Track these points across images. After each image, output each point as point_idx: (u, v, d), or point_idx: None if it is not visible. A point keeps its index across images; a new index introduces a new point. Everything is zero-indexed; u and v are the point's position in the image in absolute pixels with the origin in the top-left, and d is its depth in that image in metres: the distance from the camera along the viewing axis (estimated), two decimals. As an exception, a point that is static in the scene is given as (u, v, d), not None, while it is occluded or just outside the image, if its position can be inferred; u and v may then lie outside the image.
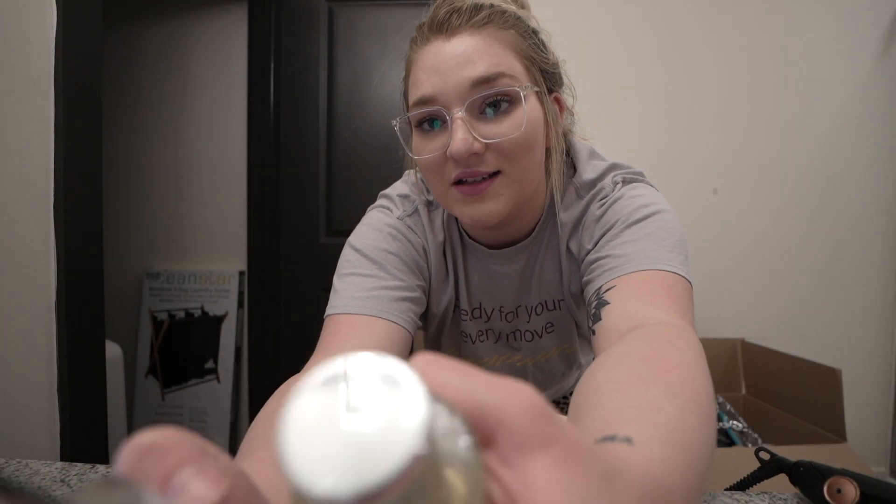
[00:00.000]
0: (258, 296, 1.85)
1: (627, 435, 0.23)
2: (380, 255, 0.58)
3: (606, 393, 0.30)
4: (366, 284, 0.55)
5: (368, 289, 0.55)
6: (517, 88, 0.50)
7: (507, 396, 0.16)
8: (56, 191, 0.94)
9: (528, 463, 0.15)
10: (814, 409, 1.25)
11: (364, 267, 0.57)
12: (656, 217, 0.52)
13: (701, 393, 0.31)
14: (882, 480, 0.43)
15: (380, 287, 0.55)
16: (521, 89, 0.50)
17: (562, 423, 0.17)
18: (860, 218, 1.72)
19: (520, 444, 0.16)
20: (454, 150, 0.49)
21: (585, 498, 0.15)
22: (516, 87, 0.50)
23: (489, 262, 0.63)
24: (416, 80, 0.52)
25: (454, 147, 0.49)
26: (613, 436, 0.23)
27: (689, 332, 0.40)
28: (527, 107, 0.51)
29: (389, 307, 0.54)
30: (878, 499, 0.41)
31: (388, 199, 0.65)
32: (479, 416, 0.16)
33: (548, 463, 0.15)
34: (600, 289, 0.49)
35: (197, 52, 1.88)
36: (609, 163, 0.61)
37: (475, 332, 0.69)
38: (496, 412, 0.16)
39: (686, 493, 0.22)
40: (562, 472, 0.15)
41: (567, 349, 0.72)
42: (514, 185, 0.53)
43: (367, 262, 0.57)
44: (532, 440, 0.16)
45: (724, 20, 1.72)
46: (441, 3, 0.54)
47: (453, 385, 0.16)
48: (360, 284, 0.55)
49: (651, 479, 0.20)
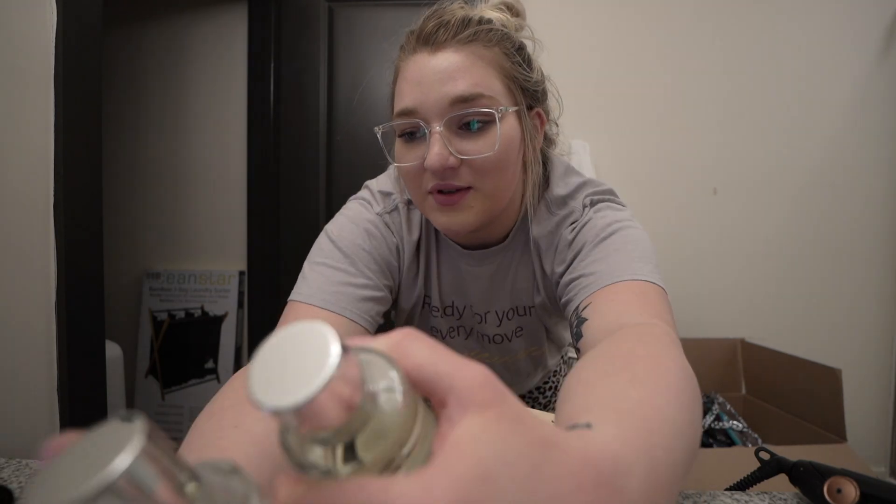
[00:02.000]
0: (258, 296, 1.85)
1: (587, 421, 0.24)
2: (353, 249, 0.59)
3: (574, 392, 0.31)
4: (334, 277, 0.57)
5: (336, 282, 0.56)
6: (493, 110, 0.52)
7: (461, 367, 0.19)
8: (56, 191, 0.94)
9: (464, 420, 0.18)
10: (814, 409, 1.25)
11: (336, 259, 0.58)
12: (621, 233, 0.55)
13: (668, 376, 0.32)
14: (882, 480, 0.43)
15: (347, 283, 0.57)
16: (496, 112, 0.52)
17: (506, 394, 0.19)
18: (860, 218, 1.72)
19: (464, 406, 0.18)
20: (430, 163, 0.51)
21: (498, 451, 0.17)
22: (492, 109, 0.52)
23: (462, 262, 0.65)
24: (401, 89, 0.55)
25: (430, 161, 0.51)
26: (575, 424, 0.24)
27: (661, 327, 0.41)
28: (502, 127, 0.53)
29: (353, 306, 0.56)
30: (878, 499, 0.41)
31: (370, 193, 0.66)
32: (435, 380, 0.19)
33: (478, 420, 0.18)
34: (578, 307, 0.52)
35: (197, 52, 1.88)
36: (581, 181, 0.63)
37: (446, 328, 0.71)
38: (449, 378, 0.19)
39: (650, 470, 0.22)
40: (484, 429, 0.18)
41: (535, 352, 0.75)
42: (486, 200, 0.55)
43: (340, 254, 0.59)
44: (474, 402, 0.18)
45: (725, 21, 1.72)
46: (430, 14, 0.55)
47: (420, 354, 0.19)
48: (329, 277, 0.57)
49: (599, 453, 0.20)
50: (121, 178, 1.90)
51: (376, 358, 0.19)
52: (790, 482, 0.47)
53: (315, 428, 0.17)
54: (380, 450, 0.18)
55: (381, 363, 0.19)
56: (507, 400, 0.19)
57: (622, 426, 0.24)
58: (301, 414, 0.16)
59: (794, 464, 0.48)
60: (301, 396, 0.16)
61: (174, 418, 1.85)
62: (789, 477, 0.48)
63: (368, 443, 0.18)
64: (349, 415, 0.17)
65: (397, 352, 0.20)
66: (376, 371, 0.19)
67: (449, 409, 0.18)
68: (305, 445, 0.18)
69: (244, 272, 1.88)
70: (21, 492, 0.46)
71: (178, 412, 1.85)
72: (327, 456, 0.18)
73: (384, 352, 0.20)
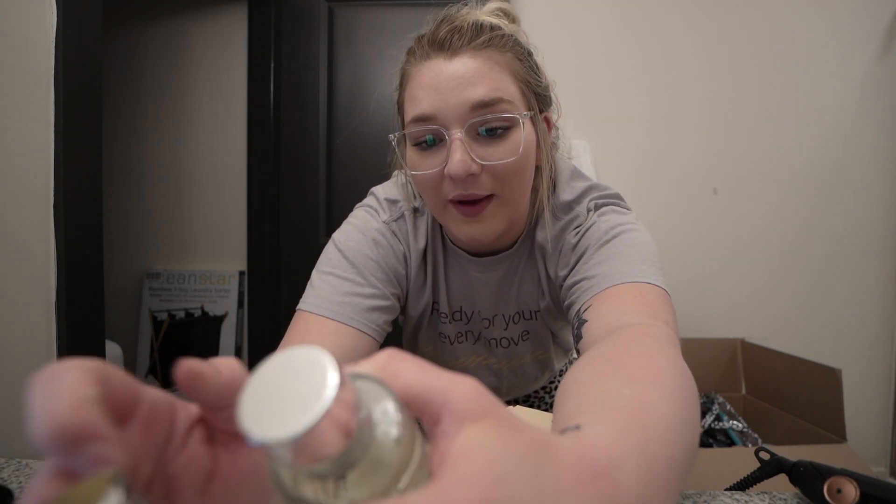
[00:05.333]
0: (258, 296, 1.85)
1: (577, 423, 0.24)
2: (360, 259, 0.59)
3: (569, 393, 0.32)
4: (342, 287, 0.57)
5: (343, 292, 0.56)
6: (516, 115, 0.52)
7: (452, 383, 0.19)
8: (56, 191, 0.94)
9: (462, 431, 0.18)
10: (814, 409, 1.25)
11: (343, 269, 0.58)
12: (623, 236, 0.55)
13: (663, 375, 0.32)
14: (882, 480, 0.43)
15: (354, 293, 0.57)
16: (519, 116, 0.52)
17: (498, 403, 0.19)
18: (860, 218, 1.72)
19: (459, 419, 0.18)
20: (452, 170, 0.50)
21: (504, 455, 0.17)
22: (515, 114, 0.52)
23: (469, 269, 0.65)
24: (415, 95, 0.53)
25: (452, 168, 0.50)
26: (565, 428, 0.24)
27: (658, 328, 0.41)
28: (524, 132, 0.52)
29: (360, 316, 0.56)
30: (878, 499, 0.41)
31: (377, 201, 0.66)
32: (428, 398, 0.19)
33: (477, 428, 0.18)
34: (579, 310, 0.52)
35: (197, 52, 1.88)
36: (586, 185, 0.63)
37: (454, 334, 0.71)
38: (442, 394, 0.18)
39: (645, 463, 0.22)
40: (486, 436, 0.18)
41: (541, 356, 0.75)
42: (508, 207, 0.55)
43: (347, 264, 0.59)
44: (469, 414, 0.18)
45: (725, 20, 1.72)
46: (442, 20, 0.54)
47: (408, 373, 0.19)
48: (337, 287, 0.57)
49: (590, 450, 0.20)
50: (121, 178, 1.90)
51: (370, 384, 0.19)
52: (790, 482, 0.47)
53: (310, 461, 0.16)
54: (378, 480, 0.17)
55: (375, 389, 0.18)
56: (499, 409, 0.19)
57: (613, 423, 0.24)
58: (296, 446, 0.15)
59: (794, 464, 0.48)
60: (297, 428, 0.15)
61: (174, 418, 1.85)
62: (789, 477, 0.48)
63: (366, 474, 0.17)
64: (346, 445, 0.16)
65: (385, 373, 0.19)
66: (371, 397, 0.18)
67: (444, 424, 0.18)
68: (299, 479, 0.17)
69: (244, 272, 1.88)
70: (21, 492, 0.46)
71: (178, 412, 1.85)
72: (322, 490, 0.17)
73: (375, 376, 0.19)
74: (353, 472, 0.17)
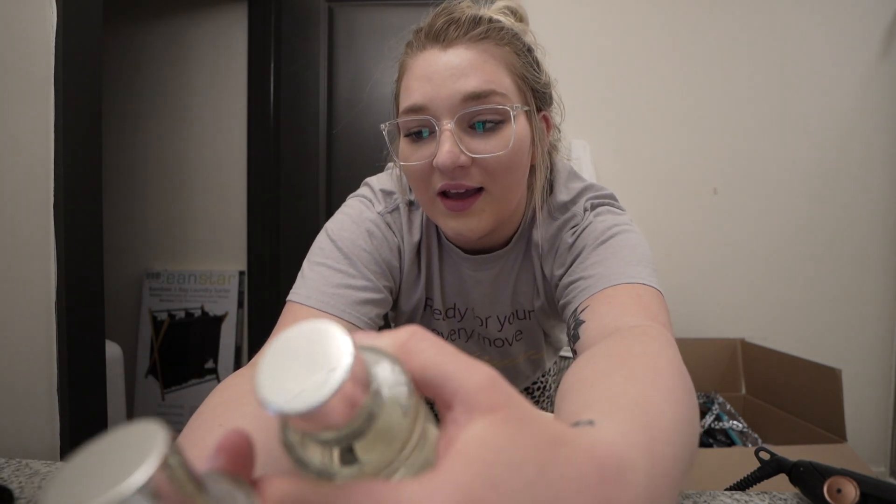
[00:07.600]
0: (258, 296, 1.85)
1: (590, 419, 0.24)
2: (353, 250, 0.58)
3: (574, 390, 0.32)
4: (333, 279, 0.55)
5: (335, 284, 0.55)
6: (507, 108, 0.51)
7: (468, 369, 0.19)
8: (56, 191, 0.94)
9: (471, 423, 0.18)
10: (814, 409, 1.25)
11: (335, 259, 0.57)
12: (620, 237, 0.55)
13: (663, 375, 0.32)
14: (882, 480, 0.43)
15: (346, 285, 0.55)
16: (510, 109, 0.51)
17: (513, 395, 0.19)
18: (860, 218, 1.72)
19: (470, 409, 0.18)
20: (440, 161, 0.50)
21: (505, 456, 0.17)
22: (506, 107, 0.51)
23: (463, 266, 0.64)
24: (408, 86, 0.53)
25: (441, 159, 0.49)
26: (577, 422, 0.24)
27: (657, 329, 0.41)
28: (515, 126, 0.51)
29: (352, 308, 0.54)
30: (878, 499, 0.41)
31: (372, 192, 0.65)
32: (442, 382, 0.19)
33: (485, 423, 0.18)
34: (576, 310, 0.51)
35: (197, 52, 1.88)
36: (583, 185, 0.63)
37: (447, 331, 0.71)
38: (456, 380, 0.18)
39: (652, 464, 0.22)
40: (494, 433, 0.17)
41: (534, 355, 0.74)
42: (497, 203, 0.54)
43: (340, 255, 0.57)
44: (481, 405, 0.18)
45: (725, 20, 1.72)
46: (440, 12, 0.54)
47: (427, 353, 0.19)
48: (328, 278, 0.55)
49: (605, 450, 0.20)
50: (121, 178, 1.90)
51: (381, 358, 0.19)
52: (790, 482, 0.47)
53: (319, 429, 0.17)
54: (381, 452, 0.18)
55: (385, 363, 0.19)
56: (513, 401, 0.19)
57: (623, 422, 0.24)
58: (309, 415, 0.16)
59: (794, 464, 0.48)
60: (313, 400, 0.16)
61: (174, 418, 1.85)
62: (789, 477, 0.48)
63: (370, 444, 0.18)
64: (354, 416, 0.17)
65: (403, 350, 0.19)
66: (381, 371, 0.19)
67: (455, 412, 0.18)
68: (307, 445, 0.18)
69: (244, 272, 1.88)
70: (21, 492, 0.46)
71: (178, 412, 1.85)
72: (328, 457, 0.18)
73: (389, 351, 0.20)
74: (360, 441, 0.18)
